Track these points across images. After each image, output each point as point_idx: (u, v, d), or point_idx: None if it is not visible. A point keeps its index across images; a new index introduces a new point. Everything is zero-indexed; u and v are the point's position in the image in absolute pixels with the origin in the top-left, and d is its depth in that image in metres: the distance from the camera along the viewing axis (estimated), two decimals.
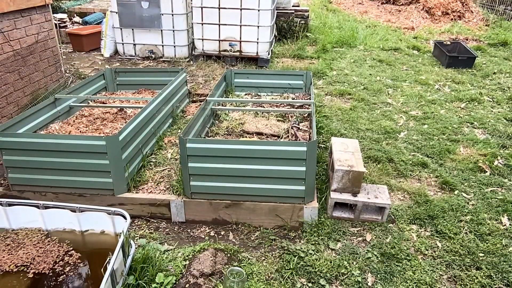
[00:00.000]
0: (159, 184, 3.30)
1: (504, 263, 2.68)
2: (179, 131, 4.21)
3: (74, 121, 4.04)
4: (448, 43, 7.17)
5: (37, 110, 3.65)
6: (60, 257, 2.50)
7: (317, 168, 3.50)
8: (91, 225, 2.66)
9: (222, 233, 3.03)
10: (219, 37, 6.28)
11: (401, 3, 10.24)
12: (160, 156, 3.73)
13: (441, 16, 9.40)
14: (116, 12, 6.36)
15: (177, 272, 2.52)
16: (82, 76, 5.84)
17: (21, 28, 4.53)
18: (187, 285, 2.44)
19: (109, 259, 2.12)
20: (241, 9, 6.01)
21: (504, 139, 4.27)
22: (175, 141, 4.00)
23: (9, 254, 2.51)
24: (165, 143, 3.97)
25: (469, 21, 9.29)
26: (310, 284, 2.51)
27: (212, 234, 3.02)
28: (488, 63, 6.67)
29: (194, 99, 5.21)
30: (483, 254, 2.76)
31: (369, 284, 2.53)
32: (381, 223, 3.05)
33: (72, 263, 2.47)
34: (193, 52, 6.67)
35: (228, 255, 2.73)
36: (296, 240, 2.92)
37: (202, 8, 6.06)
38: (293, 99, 4.71)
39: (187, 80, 5.10)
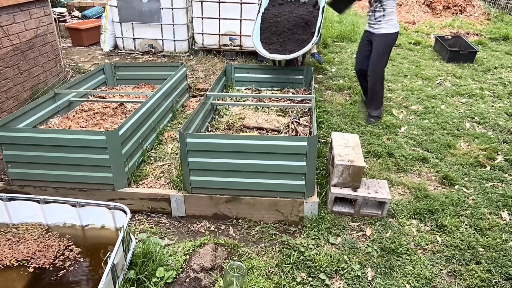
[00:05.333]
0: (159, 179, 3.30)
1: (504, 257, 2.68)
2: (179, 126, 4.20)
3: (74, 116, 4.04)
4: (449, 37, 7.13)
5: (37, 105, 3.64)
6: (61, 252, 2.50)
7: (317, 163, 3.50)
8: (92, 220, 2.66)
9: (223, 227, 3.04)
10: (219, 31, 6.26)
11: None
12: (160, 151, 3.73)
13: (442, 10, 9.36)
14: (116, 6, 6.33)
15: (177, 267, 2.53)
16: (82, 70, 5.82)
17: (20, 23, 4.51)
18: (187, 280, 2.45)
19: (110, 254, 2.12)
20: (241, 3, 5.98)
21: (505, 134, 4.27)
22: (175, 136, 4.00)
23: (9, 249, 2.51)
24: (165, 138, 3.96)
25: (470, 15, 9.24)
26: (310, 279, 2.52)
27: (212, 228, 3.03)
28: (489, 58, 6.64)
29: (194, 93, 5.19)
30: (483, 249, 2.76)
31: (369, 278, 2.54)
32: (381, 218, 3.06)
33: (72, 257, 2.47)
34: (193, 47, 6.64)
35: (229, 249, 2.74)
36: (296, 235, 2.92)
37: (202, 2, 6.03)
38: (294, 93, 4.70)
39: (187, 74, 5.09)
